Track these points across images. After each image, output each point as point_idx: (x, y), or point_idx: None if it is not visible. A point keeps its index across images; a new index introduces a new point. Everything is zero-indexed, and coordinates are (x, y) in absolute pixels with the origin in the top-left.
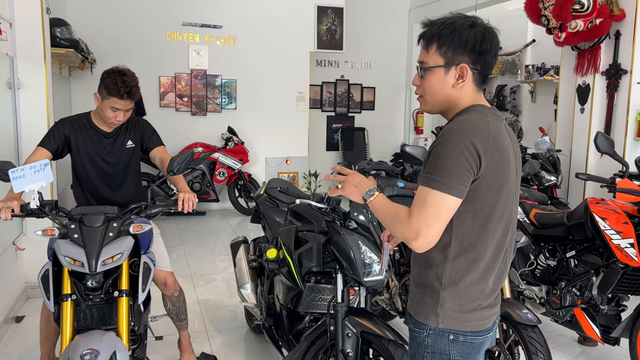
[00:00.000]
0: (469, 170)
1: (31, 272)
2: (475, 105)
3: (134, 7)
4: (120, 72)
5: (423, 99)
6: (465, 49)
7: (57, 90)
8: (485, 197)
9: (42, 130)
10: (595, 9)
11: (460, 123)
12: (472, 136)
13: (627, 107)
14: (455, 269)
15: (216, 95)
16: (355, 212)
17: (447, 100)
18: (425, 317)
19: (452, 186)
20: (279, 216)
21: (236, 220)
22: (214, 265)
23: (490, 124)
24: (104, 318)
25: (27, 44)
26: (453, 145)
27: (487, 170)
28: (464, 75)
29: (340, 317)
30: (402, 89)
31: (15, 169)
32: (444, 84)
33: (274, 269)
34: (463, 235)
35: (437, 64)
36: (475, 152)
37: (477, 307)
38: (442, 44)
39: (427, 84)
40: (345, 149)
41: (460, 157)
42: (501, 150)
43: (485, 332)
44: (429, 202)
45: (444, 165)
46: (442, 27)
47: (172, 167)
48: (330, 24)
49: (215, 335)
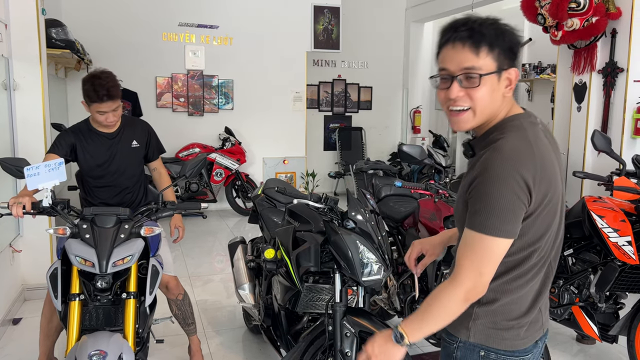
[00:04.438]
0: (521, 208)
1: (28, 274)
2: (510, 118)
3: (130, 8)
4: (95, 76)
5: (468, 114)
6: (512, 50)
7: (53, 91)
8: (534, 222)
9: (39, 132)
10: (591, 8)
11: (504, 153)
12: (520, 168)
13: (623, 105)
14: (492, 289)
15: (213, 95)
16: (353, 212)
17: (492, 114)
18: (456, 329)
19: (506, 229)
20: (277, 216)
21: (234, 220)
22: (211, 266)
23: (534, 145)
24: (109, 319)
25: (23, 45)
26: (502, 183)
27: (537, 200)
28: (512, 80)
29: (338, 317)
30: (399, 88)
31: (30, 167)
32: (497, 92)
33: (272, 269)
34: (505, 260)
35: (491, 70)
36: (526, 187)
37: (515, 325)
38: (493, 46)
39: (479, 94)
40: (342, 149)
41: (512, 195)
42: (549, 172)
43: (521, 354)
44: (481, 249)
45: (496, 207)
46: (485, 26)
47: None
48: (326, 24)
49: (213, 336)
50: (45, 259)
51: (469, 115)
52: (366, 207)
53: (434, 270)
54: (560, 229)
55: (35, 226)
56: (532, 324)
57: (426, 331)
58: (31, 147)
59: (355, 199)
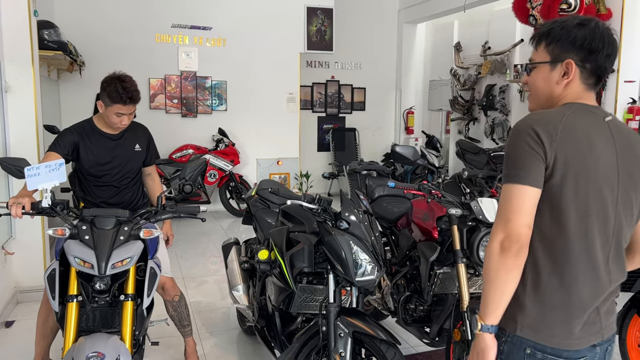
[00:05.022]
0: (536, 157)
1: (21, 277)
2: (569, 103)
3: (123, 9)
4: (119, 79)
5: (530, 97)
6: (574, 46)
7: (46, 93)
8: (559, 191)
9: (31, 134)
10: (582, 9)
11: (528, 116)
12: (534, 125)
13: (614, 105)
14: (535, 269)
15: (206, 96)
16: (347, 213)
17: (549, 97)
18: (505, 322)
19: (522, 175)
20: (271, 217)
21: (227, 221)
22: (205, 267)
23: (567, 115)
24: (106, 321)
25: (15, 47)
26: (516, 136)
27: (558, 162)
28: (570, 72)
29: (332, 318)
30: (392, 89)
31: (30, 167)
32: (548, 81)
33: (266, 270)
34: (542, 232)
35: (544, 61)
36: (538, 138)
37: (565, 321)
38: (550, 41)
39: (532, 80)
40: (336, 150)
41: (524, 145)
42: (578, 143)
43: (572, 355)
44: (504, 198)
45: (510, 157)
46: (553, 26)
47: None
48: (319, 25)
49: (207, 338)
50: (37, 261)
51: (530, 97)
52: (359, 208)
53: (427, 270)
54: (615, 227)
55: (28, 228)
56: (587, 325)
57: (491, 305)
58: (24, 149)
59: (348, 199)
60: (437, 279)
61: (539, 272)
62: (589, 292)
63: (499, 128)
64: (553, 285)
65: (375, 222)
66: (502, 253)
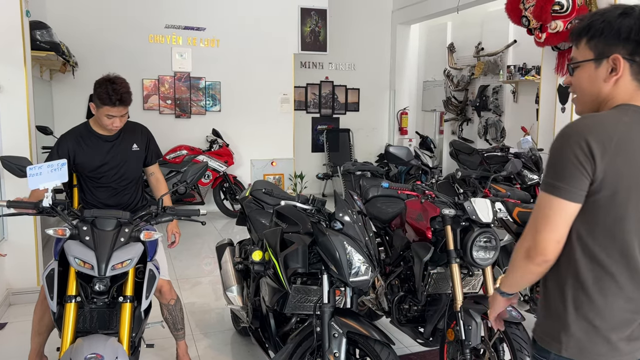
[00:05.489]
0: (581, 172)
1: (13, 278)
2: (625, 104)
3: (116, 10)
4: (110, 81)
5: (576, 99)
6: (619, 38)
7: (38, 94)
8: (608, 207)
9: (23, 135)
10: (574, 10)
11: (580, 119)
12: (587, 133)
13: None
14: (577, 285)
15: (200, 97)
16: (341, 213)
17: (597, 98)
18: (549, 344)
19: (562, 188)
20: (265, 218)
21: (222, 222)
22: (199, 268)
23: (624, 123)
24: (103, 322)
25: (7, 47)
26: (565, 141)
27: (608, 175)
28: (618, 68)
29: (326, 318)
30: (386, 90)
31: (33, 167)
32: (594, 79)
33: (260, 271)
34: (586, 250)
35: (587, 58)
36: (589, 151)
37: (611, 338)
38: (592, 36)
39: (577, 81)
40: (330, 150)
41: (570, 155)
42: (634, 155)
43: None
44: (538, 206)
45: (554, 164)
46: (592, 19)
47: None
48: (313, 26)
49: (201, 339)
50: (30, 263)
51: (575, 100)
52: (353, 208)
53: (421, 270)
54: None
55: (20, 230)
56: (632, 340)
57: (510, 282)
58: (16, 151)
59: (342, 200)
60: (430, 279)
61: (582, 289)
62: (633, 308)
63: (492, 129)
64: (597, 304)
65: (369, 223)
66: (526, 259)
